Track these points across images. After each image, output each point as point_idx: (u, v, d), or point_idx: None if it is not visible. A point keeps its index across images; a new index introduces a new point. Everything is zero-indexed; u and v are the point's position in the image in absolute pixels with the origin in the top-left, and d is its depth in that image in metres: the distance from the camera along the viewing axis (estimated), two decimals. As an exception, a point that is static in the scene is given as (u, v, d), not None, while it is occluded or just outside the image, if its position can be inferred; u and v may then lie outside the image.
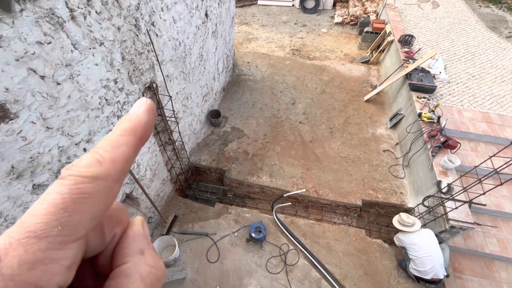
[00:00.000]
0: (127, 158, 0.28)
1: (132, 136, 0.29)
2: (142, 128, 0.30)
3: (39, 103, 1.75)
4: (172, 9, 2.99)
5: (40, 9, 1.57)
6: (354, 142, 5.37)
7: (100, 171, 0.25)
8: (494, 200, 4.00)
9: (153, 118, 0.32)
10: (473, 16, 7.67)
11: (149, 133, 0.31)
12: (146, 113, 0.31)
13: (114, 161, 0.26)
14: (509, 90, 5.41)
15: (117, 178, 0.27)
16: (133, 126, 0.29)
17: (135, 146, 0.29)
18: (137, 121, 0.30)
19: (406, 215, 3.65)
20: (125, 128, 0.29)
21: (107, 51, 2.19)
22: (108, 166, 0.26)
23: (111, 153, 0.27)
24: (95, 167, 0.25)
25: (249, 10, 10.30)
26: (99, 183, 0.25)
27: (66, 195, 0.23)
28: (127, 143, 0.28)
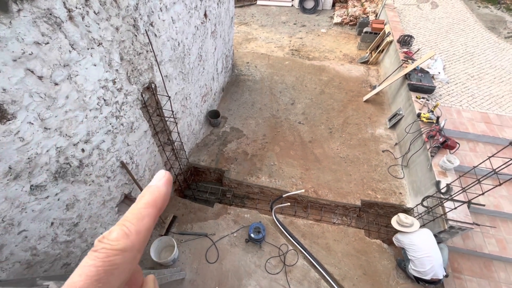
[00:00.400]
0: (149, 228, 0.32)
1: (154, 208, 0.33)
2: (162, 199, 0.34)
3: (36, 103, 1.75)
4: (171, 9, 2.99)
5: (37, 9, 1.56)
6: (353, 143, 5.37)
7: (128, 243, 0.29)
8: (493, 201, 4.01)
9: (170, 189, 0.36)
10: (472, 16, 7.69)
11: (166, 203, 0.36)
12: (165, 185, 0.36)
13: (138, 232, 0.30)
14: (508, 90, 5.42)
15: (140, 248, 0.30)
16: (155, 199, 0.34)
17: (155, 217, 0.33)
18: (157, 194, 0.34)
19: (405, 215, 3.65)
20: (148, 201, 0.33)
21: (106, 52, 2.18)
22: (133, 238, 0.29)
23: (136, 226, 0.30)
24: (123, 240, 0.29)
25: (248, 10, 10.30)
26: (126, 254, 0.28)
27: (100, 268, 0.27)
28: (149, 214, 0.32)
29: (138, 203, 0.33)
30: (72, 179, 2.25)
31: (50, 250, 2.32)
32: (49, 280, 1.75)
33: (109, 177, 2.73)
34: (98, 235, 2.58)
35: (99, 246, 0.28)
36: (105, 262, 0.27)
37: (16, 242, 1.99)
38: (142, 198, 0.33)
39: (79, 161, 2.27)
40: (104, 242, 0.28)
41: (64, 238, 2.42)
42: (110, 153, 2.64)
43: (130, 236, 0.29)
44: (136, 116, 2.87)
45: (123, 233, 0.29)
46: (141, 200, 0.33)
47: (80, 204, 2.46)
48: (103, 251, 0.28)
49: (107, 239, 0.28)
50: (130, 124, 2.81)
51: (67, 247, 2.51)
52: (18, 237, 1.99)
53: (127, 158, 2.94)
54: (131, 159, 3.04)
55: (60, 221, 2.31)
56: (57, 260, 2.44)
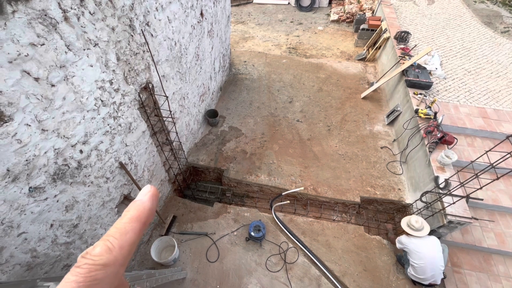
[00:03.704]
0: (132, 243, 0.32)
1: (138, 223, 0.33)
2: (147, 214, 0.34)
3: (33, 105, 1.74)
4: (167, 9, 2.98)
5: (32, 10, 1.56)
6: (352, 140, 5.38)
7: (110, 258, 0.29)
8: (491, 195, 4.03)
9: (156, 204, 0.36)
10: (468, 11, 7.70)
11: (152, 218, 0.35)
12: (150, 200, 0.36)
13: (122, 247, 0.30)
14: (505, 85, 5.44)
15: (123, 262, 0.31)
16: (139, 213, 0.34)
17: (140, 232, 0.33)
18: (142, 208, 0.34)
19: (416, 219, 3.48)
20: (132, 216, 0.33)
21: (102, 52, 2.18)
22: (116, 253, 0.30)
23: (119, 241, 0.30)
24: (106, 255, 0.29)
25: (244, 9, 10.28)
26: (108, 269, 0.29)
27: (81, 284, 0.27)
28: (133, 229, 0.32)
29: (122, 218, 0.33)
30: (70, 180, 2.25)
31: (50, 252, 2.31)
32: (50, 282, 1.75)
33: (108, 178, 2.73)
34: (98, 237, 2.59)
35: (81, 262, 0.29)
36: (87, 278, 0.27)
37: (16, 244, 1.98)
38: (127, 213, 0.33)
39: (77, 163, 2.27)
40: (87, 257, 0.29)
41: (64, 239, 2.42)
42: (109, 154, 2.64)
43: (113, 251, 0.30)
44: (134, 116, 2.87)
45: (106, 248, 0.29)
46: (126, 215, 0.33)
47: (79, 205, 2.45)
48: (85, 266, 0.28)
49: (90, 255, 0.29)
50: (128, 124, 2.81)
51: (67, 248, 2.51)
52: (18, 239, 1.99)
53: (125, 158, 2.94)
54: (130, 159, 3.04)
55: (59, 223, 2.30)
56: (57, 261, 2.44)
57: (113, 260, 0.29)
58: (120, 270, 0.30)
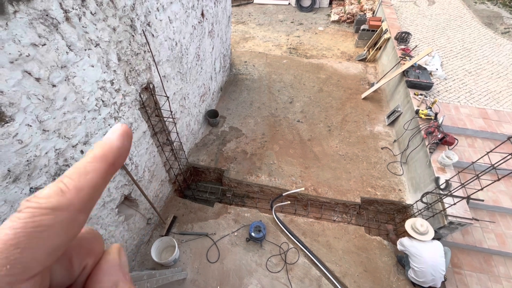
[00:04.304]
0: (94, 186, 0.26)
1: (103, 163, 0.27)
2: (114, 154, 0.29)
3: (34, 105, 1.74)
4: (168, 9, 2.98)
5: (34, 10, 1.55)
6: (352, 140, 5.38)
7: (62, 201, 0.24)
8: (491, 196, 4.03)
9: (128, 144, 0.31)
10: (469, 12, 7.70)
11: (123, 159, 0.30)
12: (120, 138, 0.30)
13: (79, 189, 0.25)
14: (505, 86, 5.44)
15: (82, 207, 0.25)
16: (104, 152, 0.28)
17: (105, 173, 0.27)
18: (108, 147, 0.29)
19: (421, 222, 3.44)
20: (96, 154, 0.28)
21: (103, 52, 2.17)
22: (72, 196, 0.24)
23: (76, 181, 0.25)
24: (56, 197, 0.24)
25: (245, 9, 10.28)
26: (59, 214, 0.23)
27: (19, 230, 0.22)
28: (96, 169, 0.27)
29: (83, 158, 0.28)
30: (71, 181, 2.24)
31: (50, 253, 2.31)
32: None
33: (109, 178, 2.72)
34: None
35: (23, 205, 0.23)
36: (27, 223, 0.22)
37: (16, 245, 1.98)
38: (89, 152, 0.28)
39: (78, 163, 2.26)
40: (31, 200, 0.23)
41: (64, 240, 2.41)
42: (109, 154, 2.63)
43: (67, 193, 0.24)
44: (135, 116, 2.86)
45: (57, 190, 0.24)
46: (88, 154, 0.28)
47: (80, 205, 2.45)
48: (27, 211, 0.23)
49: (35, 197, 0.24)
50: (129, 125, 2.80)
51: (68, 249, 2.50)
52: (18, 240, 1.98)
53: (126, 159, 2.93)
54: (130, 160, 3.03)
55: (60, 223, 2.30)
56: (58, 262, 2.43)
57: (66, 204, 0.24)
58: (78, 217, 0.25)
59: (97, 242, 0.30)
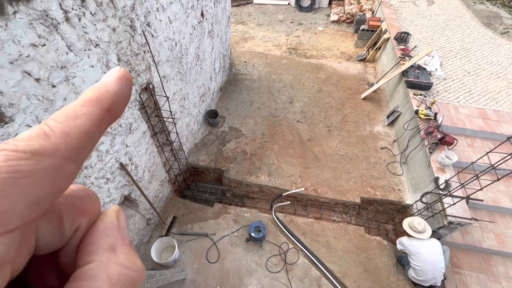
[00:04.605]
0: (86, 132, 0.22)
1: (95, 107, 0.24)
2: (111, 98, 0.25)
3: (34, 106, 1.73)
4: (167, 9, 2.98)
5: (33, 11, 1.55)
6: (352, 140, 5.38)
7: (45, 145, 0.20)
8: (491, 196, 4.04)
9: (127, 89, 0.26)
10: (468, 12, 7.72)
11: (121, 106, 0.26)
12: (118, 81, 0.26)
13: (67, 134, 0.22)
14: (504, 86, 5.45)
15: (70, 155, 0.21)
16: (98, 95, 0.24)
17: (99, 119, 0.24)
18: (104, 90, 0.25)
19: (418, 221, 3.49)
20: (89, 97, 0.24)
21: (103, 53, 2.17)
22: (57, 141, 0.21)
23: (64, 125, 0.22)
24: (38, 140, 0.20)
25: (245, 9, 10.28)
26: (42, 160, 0.20)
27: None
28: (88, 114, 0.23)
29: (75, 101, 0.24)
30: (71, 181, 2.24)
31: (50, 253, 2.31)
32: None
33: (109, 178, 2.72)
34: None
35: None
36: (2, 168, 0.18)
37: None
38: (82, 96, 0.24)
39: (78, 163, 2.26)
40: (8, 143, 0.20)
41: (64, 240, 2.41)
42: (109, 155, 2.63)
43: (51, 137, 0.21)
44: (135, 117, 2.86)
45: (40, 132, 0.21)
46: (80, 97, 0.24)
47: (79, 206, 2.44)
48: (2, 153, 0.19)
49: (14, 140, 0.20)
50: (129, 125, 2.80)
51: (68, 249, 2.50)
52: (18, 240, 1.98)
53: (126, 159, 2.93)
54: (130, 160, 3.03)
55: (60, 224, 2.30)
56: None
57: (51, 149, 0.20)
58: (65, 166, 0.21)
59: (92, 202, 0.27)
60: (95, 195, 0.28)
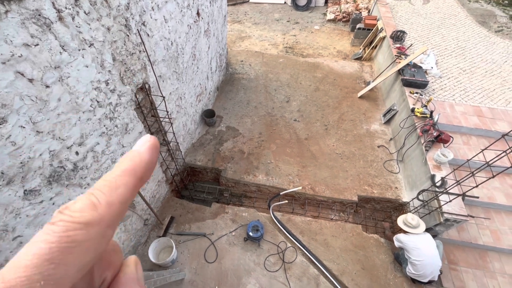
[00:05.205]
0: (124, 201, 0.26)
1: (132, 177, 0.27)
2: (143, 168, 0.28)
3: (28, 106, 1.71)
4: (163, 8, 2.95)
5: (26, 10, 1.53)
6: (349, 139, 5.40)
7: (95, 216, 0.24)
8: (486, 192, 4.08)
9: (156, 157, 0.30)
10: (463, 11, 7.77)
11: (150, 173, 0.29)
12: (149, 151, 0.30)
13: (110, 204, 0.25)
14: (499, 83, 5.50)
15: (111, 223, 0.25)
16: (134, 166, 0.28)
17: (134, 188, 0.27)
18: (138, 160, 0.28)
19: (412, 216, 3.57)
20: (126, 168, 0.27)
21: (97, 52, 2.15)
22: (103, 211, 0.24)
23: (107, 196, 0.25)
24: (89, 211, 0.24)
25: (241, 8, 10.25)
26: (91, 230, 0.23)
27: (54, 245, 0.21)
28: (126, 184, 0.27)
29: (114, 170, 0.27)
30: (66, 182, 2.22)
31: (46, 255, 2.28)
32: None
33: (105, 179, 2.70)
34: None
35: (57, 218, 0.23)
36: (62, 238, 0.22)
37: (11, 248, 1.95)
38: (119, 165, 0.28)
39: (73, 164, 2.24)
40: (65, 213, 0.23)
41: (60, 242, 2.39)
42: (105, 155, 2.61)
43: (99, 208, 0.24)
44: (131, 117, 2.84)
45: (90, 204, 0.24)
46: (118, 167, 0.27)
47: (75, 207, 2.42)
48: (61, 224, 0.22)
49: (68, 210, 0.23)
50: (125, 125, 2.78)
51: (64, 251, 2.48)
52: (13, 243, 1.96)
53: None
54: (127, 160, 3.01)
55: (55, 226, 2.27)
56: (53, 265, 2.40)
57: (98, 219, 0.24)
58: (107, 233, 0.25)
59: (117, 255, 0.30)
60: (119, 248, 0.31)
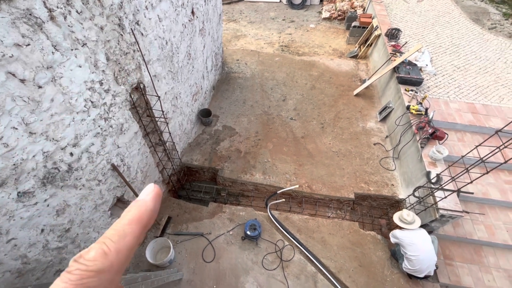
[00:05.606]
0: (131, 247, 0.29)
1: (138, 226, 0.30)
2: (148, 216, 0.32)
3: (20, 107, 1.69)
4: (157, 7, 2.93)
5: (16, 9, 1.50)
6: (345, 137, 5.42)
7: (106, 264, 0.26)
8: (480, 188, 4.12)
9: (159, 204, 0.34)
10: (457, 8, 7.82)
11: (153, 220, 0.33)
12: (153, 200, 0.33)
13: (119, 252, 0.28)
14: (493, 80, 5.55)
15: (119, 269, 0.28)
16: (140, 215, 0.31)
17: (140, 235, 0.30)
18: (143, 209, 0.32)
19: (407, 212, 3.61)
20: (133, 217, 0.31)
21: (91, 52, 2.13)
22: (113, 258, 0.27)
23: (117, 244, 0.28)
24: (101, 259, 0.26)
25: (236, 7, 10.21)
26: (102, 276, 0.26)
27: None
28: (133, 232, 0.30)
29: (122, 219, 0.31)
30: (61, 184, 2.20)
31: (41, 258, 2.26)
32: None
33: (100, 180, 2.68)
34: (91, 240, 2.53)
35: (73, 267, 0.26)
36: (78, 285, 0.25)
37: (5, 251, 1.93)
38: (127, 214, 0.31)
39: (68, 166, 2.22)
40: (80, 262, 0.26)
41: (55, 244, 2.37)
42: (100, 156, 2.59)
43: (109, 256, 0.27)
44: (126, 117, 2.82)
45: (102, 252, 0.27)
46: (126, 215, 0.31)
47: (71, 209, 2.40)
48: (77, 272, 0.25)
49: (83, 259, 0.26)
50: (120, 125, 2.76)
51: (59, 253, 2.46)
52: (7, 245, 1.94)
53: (118, 160, 2.89)
54: (122, 161, 2.99)
55: (50, 228, 2.25)
56: (49, 267, 2.38)
57: (109, 266, 0.27)
58: (115, 278, 0.28)
59: None
60: None
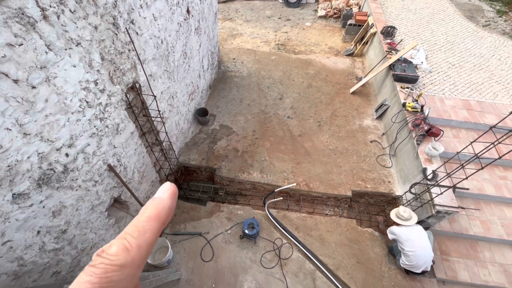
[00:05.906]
0: (151, 243, 0.30)
1: (157, 222, 0.32)
2: (166, 213, 0.34)
3: (13, 108, 1.67)
4: (151, 6, 2.91)
5: (8, 9, 1.48)
6: (342, 134, 5.44)
7: (128, 259, 0.27)
8: (476, 184, 4.17)
9: (175, 202, 0.36)
10: (451, 6, 7.87)
11: (170, 217, 0.35)
12: (170, 198, 0.35)
13: (140, 247, 0.29)
14: (487, 77, 5.60)
15: (140, 264, 0.29)
16: (158, 212, 0.33)
17: (158, 231, 0.32)
18: (161, 207, 0.33)
19: (404, 209, 3.66)
20: (151, 214, 0.32)
21: (85, 52, 2.10)
22: (134, 253, 0.28)
23: (137, 240, 0.29)
24: (123, 254, 0.27)
25: (232, 6, 10.17)
26: (125, 271, 0.27)
27: (96, 285, 0.25)
28: (152, 229, 0.31)
29: (140, 216, 0.32)
30: (57, 185, 2.18)
31: (38, 259, 2.24)
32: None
33: (97, 181, 2.66)
34: (88, 241, 2.51)
35: (97, 261, 0.27)
36: (102, 279, 0.25)
37: (1, 253, 1.91)
38: (145, 211, 0.32)
39: (63, 166, 2.20)
40: (103, 256, 0.27)
41: (52, 246, 2.35)
42: (96, 157, 2.57)
43: (131, 251, 0.28)
44: (122, 117, 2.80)
45: (124, 248, 0.28)
46: (144, 213, 0.32)
47: (67, 210, 2.39)
48: (101, 266, 0.26)
49: (106, 253, 0.27)
50: (116, 125, 2.74)
51: (56, 255, 2.44)
52: (3, 248, 1.92)
53: (114, 160, 2.87)
54: (119, 161, 2.97)
55: (47, 229, 2.23)
56: (46, 269, 2.37)
57: (131, 261, 0.27)
58: (136, 273, 0.28)
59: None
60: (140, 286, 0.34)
